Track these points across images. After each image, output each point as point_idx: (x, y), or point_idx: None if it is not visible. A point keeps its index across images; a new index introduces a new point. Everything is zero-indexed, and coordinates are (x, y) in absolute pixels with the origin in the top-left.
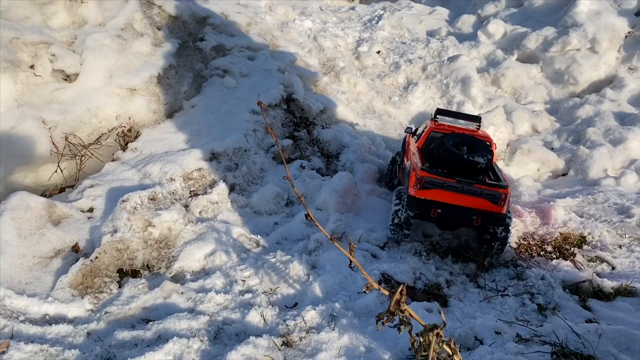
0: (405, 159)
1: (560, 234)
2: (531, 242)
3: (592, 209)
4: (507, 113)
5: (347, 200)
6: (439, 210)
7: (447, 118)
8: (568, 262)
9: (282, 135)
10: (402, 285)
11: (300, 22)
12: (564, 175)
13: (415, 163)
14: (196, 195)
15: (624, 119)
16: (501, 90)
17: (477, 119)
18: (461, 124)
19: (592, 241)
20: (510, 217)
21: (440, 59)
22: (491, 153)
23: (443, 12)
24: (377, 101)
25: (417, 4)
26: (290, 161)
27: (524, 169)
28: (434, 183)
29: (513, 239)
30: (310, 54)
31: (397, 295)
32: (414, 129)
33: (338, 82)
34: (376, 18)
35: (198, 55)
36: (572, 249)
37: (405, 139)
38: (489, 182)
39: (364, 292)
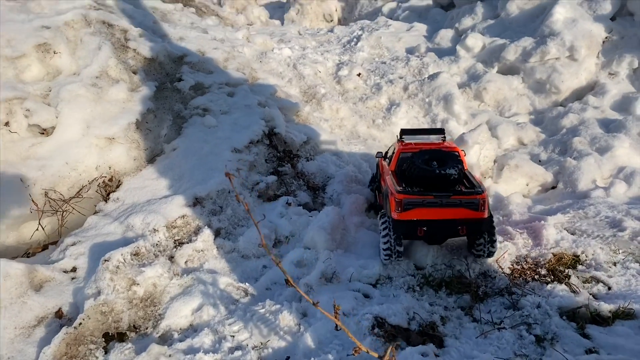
0: (382, 183)
1: (554, 254)
2: (524, 266)
3: (583, 224)
4: (491, 128)
5: (335, 236)
6: (425, 228)
7: (412, 137)
8: (563, 286)
9: (266, 171)
10: (390, 346)
11: (279, 51)
12: (553, 188)
13: (392, 187)
14: (181, 244)
15: (608, 126)
16: (484, 104)
17: (440, 131)
18: (429, 139)
19: (586, 260)
20: (492, 219)
21: (421, 77)
22: (461, 162)
23: (421, 28)
24: (361, 125)
25: (394, 22)
26: (276, 198)
27: (513, 185)
28: (413, 203)
29: (506, 265)
30: (291, 84)
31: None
32: (384, 152)
33: (320, 110)
34: (355, 39)
35: (177, 96)
36: (567, 270)
37: (377, 163)
38: (465, 190)
39: (353, 354)
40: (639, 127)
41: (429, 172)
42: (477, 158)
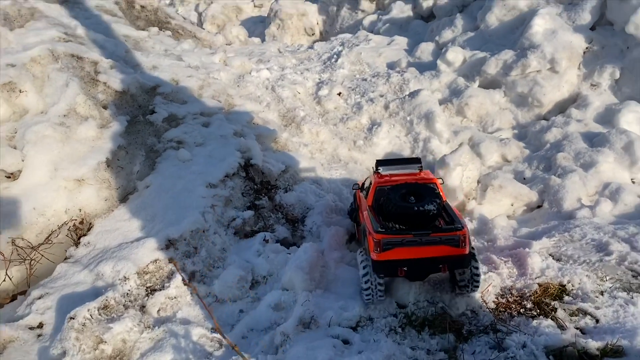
0: (360, 218)
1: (539, 285)
2: (510, 299)
3: (569, 248)
4: (474, 145)
5: (314, 275)
6: (405, 269)
7: (388, 167)
8: (549, 321)
9: (242, 206)
10: None
11: (257, 74)
12: (539, 207)
13: (370, 225)
14: (153, 291)
15: (592, 140)
16: (467, 119)
17: (416, 160)
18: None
19: (572, 290)
20: (474, 254)
21: (402, 94)
22: (439, 196)
23: (402, 42)
24: (342, 148)
25: (375, 36)
26: (254, 234)
27: (498, 206)
28: (392, 243)
29: (491, 298)
30: (269, 108)
31: None
32: (360, 184)
33: (300, 134)
34: (335, 56)
35: (149, 129)
36: (553, 302)
37: (354, 194)
38: (445, 227)
39: None
40: (622, 141)
41: (407, 209)
42: (459, 180)
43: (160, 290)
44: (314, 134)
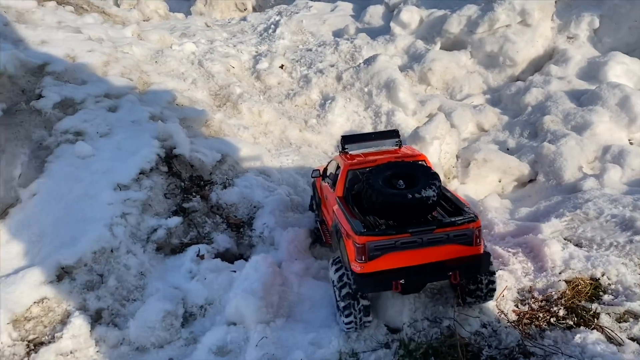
0: (325, 214)
1: (567, 283)
2: (533, 306)
3: (587, 229)
4: (446, 115)
5: (271, 299)
6: (402, 282)
7: (359, 145)
8: (595, 333)
9: (166, 211)
10: None
11: (179, 47)
12: (531, 181)
13: (345, 224)
14: (39, 344)
15: (579, 98)
16: (431, 87)
17: (393, 134)
18: (381, 146)
19: (609, 285)
20: (489, 253)
21: (355, 62)
22: (437, 178)
23: (346, 7)
24: (291, 129)
25: (315, 2)
26: (183, 249)
27: (483, 183)
28: (383, 247)
29: (509, 306)
30: (196, 85)
31: None
32: (321, 170)
33: (238, 115)
34: (272, 26)
35: (36, 120)
36: (591, 305)
37: (314, 184)
38: (453, 219)
39: None
40: (616, 96)
41: (398, 198)
42: (437, 156)
43: (50, 343)
44: (256, 114)
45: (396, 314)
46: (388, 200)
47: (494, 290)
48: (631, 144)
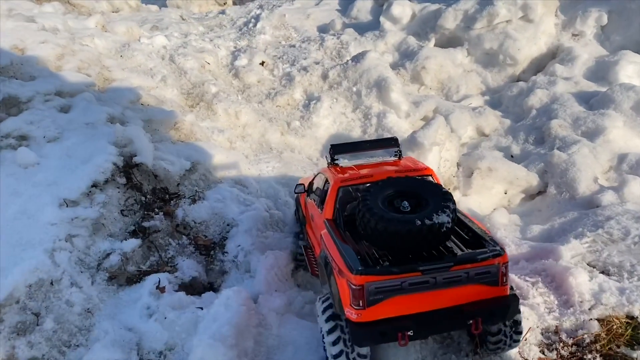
0: (311, 239)
1: (599, 322)
2: (563, 353)
3: (613, 252)
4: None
5: (245, 346)
6: (410, 333)
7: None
8: None
9: (123, 232)
10: None
11: (148, 41)
12: (540, 193)
13: (338, 257)
14: None
15: (589, 101)
16: (425, 87)
17: (392, 142)
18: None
19: None
20: (516, 296)
21: (342, 59)
22: (451, 199)
23: (332, 1)
24: (272, 132)
25: None
26: (141, 278)
27: (488, 195)
28: (386, 289)
29: (533, 354)
30: (165, 83)
31: None
32: (306, 184)
33: (212, 116)
34: (253, 20)
35: None
36: (635, 354)
37: (297, 200)
38: (472, 253)
39: None
40: (630, 99)
41: (404, 225)
42: (437, 164)
43: None
44: (233, 116)
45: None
46: (391, 227)
47: (520, 334)
48: None
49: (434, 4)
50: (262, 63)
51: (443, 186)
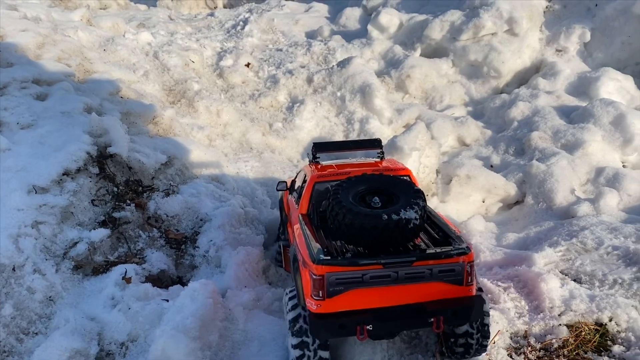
0: (289, 235)
1: (569, 327)
2: (530, 357)
3: (586, 261)
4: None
5: (209, 339)
6: (369, 327)
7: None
8: None
9: (91, 221)
10: None
11: (133, 37)
12: (517, 203)
13: (303, 248)
14: None
15: (569, 115)
16: (409, 95)
17: (375, 143)
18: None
19: (619, 332)
20: (482, 291)
21: (328, 65)
22: (422, 196)
23: (322, 9)
24: (253, 132)
25: (289, 2)
26: (108, 269)
27: (466, 203)
28: (347, 281)
29: (501, 357)
30: (147, 78)
31: None
32: (289, 182)
33: (193, 113)
34: (241, 23)
35: None
36: (600, 358)
37: (281, 199)
38: (437, 250)
39: None
40: (610, 114)
41: (371, 218)
42: (416, 170)
43: None
44: (214, 114)
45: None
46: (358, 220)
47: (486, 337)
48: (624, 166)
49: (421, 15)
50: (248, 64)
51: (416, 185)
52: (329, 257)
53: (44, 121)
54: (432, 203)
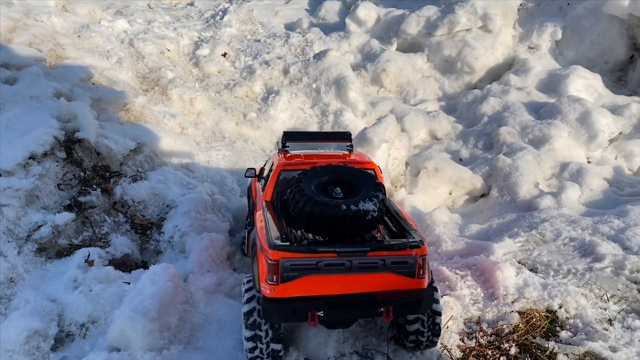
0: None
1: (520, 314)
2: (481, 341)
3: (543, 252)
4: (397, 119)
5: (168, 321)
6: (320, 314)
7: (303, 145)
8: None
9: (56, 205)
10: None
11: (109, 24)
12: (483, 196)
13: (262, 234)
14: None
15: (538, 111)
16: (384, 89)
17: (344, 136)
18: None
19: (568, 319)
20: (436, 289)
21: (305, 56)
22: (382, 189)
23: (302, 1)
24: (226, 122)
25: None
26: (72, 252)
27: (433, 195)
28: (301, 267)
29: (453, 341)
30: (120, 65)
31: None
32: (257, 169)
33: (166, 101)
34: (220, 13)
35: None
36: (547, 344)
37: (250, 186)
38: (391, 242)
39: None
40: (576, 111)
41: (329, 208)
42: (385, 162)
43: None
44: (187, 102)
45: (320, 346)
46: (317, 210)
47: (438, 332)
48: (589, 162)
49: (398, 9)
50: (225, 54)
51: (380, 179)
52: (285, 243)
53: (12, 105)
54: (400, 194)
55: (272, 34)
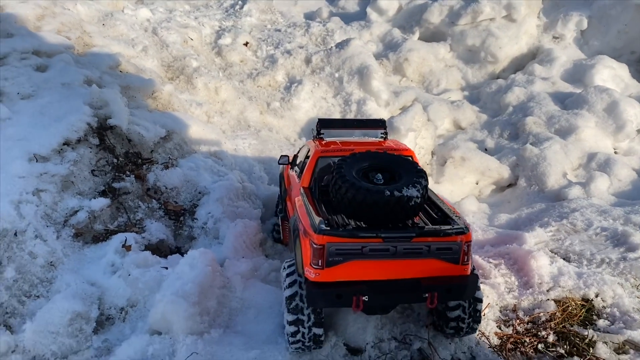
0: (288, 208)
1: (556, 302)
2: (519, 329)
3: (575, 241)
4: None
5: (207, 305)
6: (365, 298)
7: (337, 131)
8: None
9: (92, 190)
10: None
11: (132, 12)
12: (510, 186)
13: (304, 218)
14: None
15: (564, 101)
16: (406, 79)
17: (379, 123)
18: (362, 136)
19: (604, 307)
20: (477, 276)
21: (327, 46)
22: (424, 175)
23: None
24: (251, 110)
25: None
26: (108, 237)
27: (460, 184)
28: (346, 252)
29: (490, 328)
30: (146, 53)
31: None
32: (291, 157)
33: (191, 90)
34: (240, 2)
35: None
36: (586, 332)
37: (282, 174)
38: (437, 228)
39: None
40: (604, 101)
41: (373, 194)
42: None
43: None
44: (212, 91)
45: (358, 332)
46: (360, 196)
47: (478, 318)
48: (616, 152)
49: None
50: (246, 44)
51: (418, 165)
52: (329, 228)
53: (45, 92)
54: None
55: (292, 23)
